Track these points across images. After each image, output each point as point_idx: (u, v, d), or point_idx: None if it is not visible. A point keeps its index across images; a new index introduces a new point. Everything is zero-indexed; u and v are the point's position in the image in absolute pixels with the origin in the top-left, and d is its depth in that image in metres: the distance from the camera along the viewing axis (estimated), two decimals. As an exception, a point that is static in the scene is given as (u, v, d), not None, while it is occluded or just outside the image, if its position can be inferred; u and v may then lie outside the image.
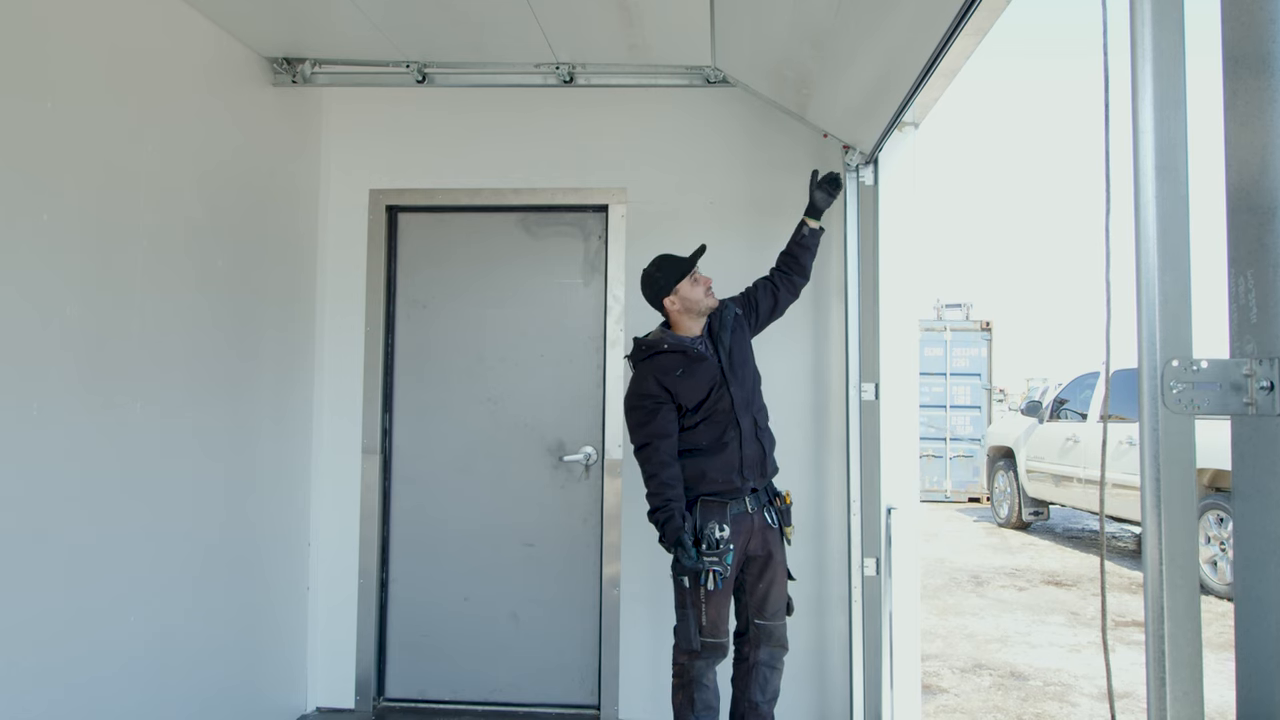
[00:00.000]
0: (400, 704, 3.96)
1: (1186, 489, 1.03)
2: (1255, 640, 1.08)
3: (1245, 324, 1.02)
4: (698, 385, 3.01)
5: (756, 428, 3.07)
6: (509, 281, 4.03)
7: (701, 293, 3.07)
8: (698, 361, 3.04)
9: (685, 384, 3.01)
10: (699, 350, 3.06)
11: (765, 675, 3.09)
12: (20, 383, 2.27)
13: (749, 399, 3.07)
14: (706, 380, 3.02)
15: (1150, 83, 1.10)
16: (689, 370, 3.02)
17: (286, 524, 3.73)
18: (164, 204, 2.87)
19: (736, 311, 3.20)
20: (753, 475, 3.03)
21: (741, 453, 3.00)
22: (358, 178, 4.02)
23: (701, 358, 3.04)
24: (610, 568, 3.84)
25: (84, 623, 2.49)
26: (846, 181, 3.53)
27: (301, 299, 3.84)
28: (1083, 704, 4.45)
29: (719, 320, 3.13)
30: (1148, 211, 1.06)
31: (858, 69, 2.97)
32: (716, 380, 3.02)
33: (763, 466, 3.06)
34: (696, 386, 3.01)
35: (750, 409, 3.07)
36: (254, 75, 3.47)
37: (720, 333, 3.10)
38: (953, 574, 7.72)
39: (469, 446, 4.00)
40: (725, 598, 3.00)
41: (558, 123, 3.98)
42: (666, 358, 3.06)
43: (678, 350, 3.05)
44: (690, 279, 3.09)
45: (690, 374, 3.02)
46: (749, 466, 3.01)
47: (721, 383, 3.02)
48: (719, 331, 3.10)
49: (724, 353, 3.06)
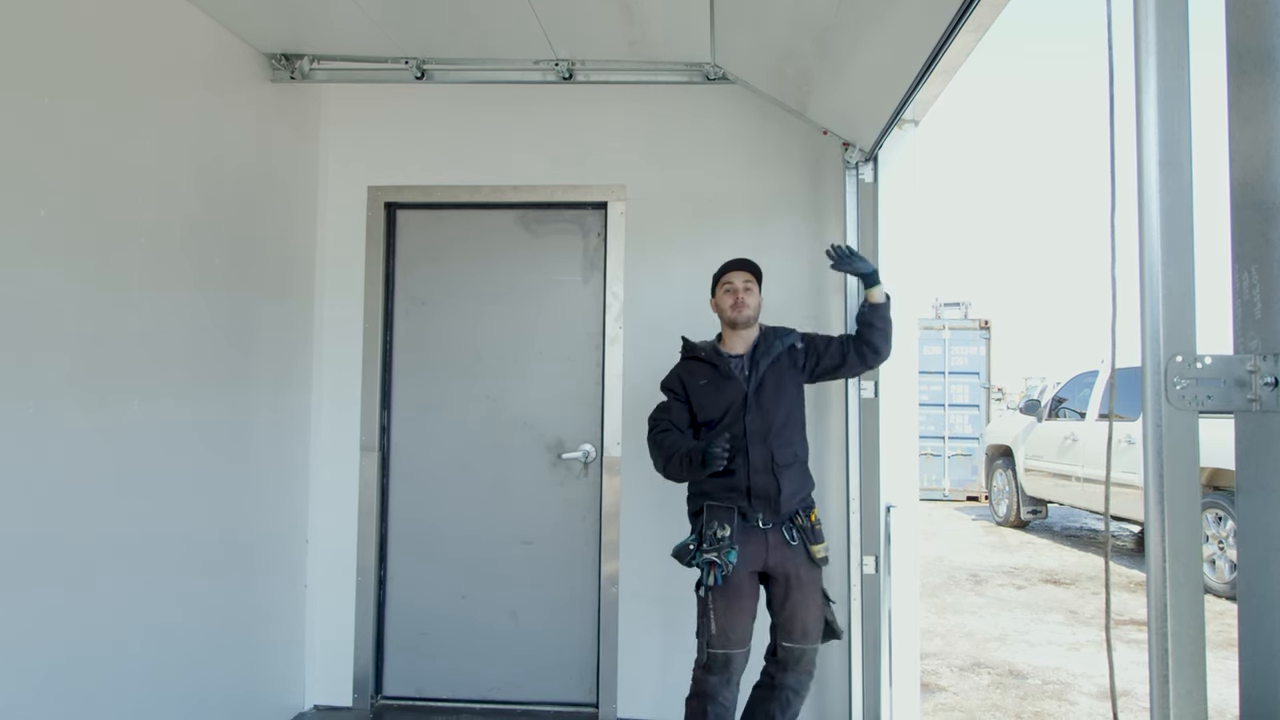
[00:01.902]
0: (398, 702, 3.96)
1: (1190, 485, 1.02)
2: (1259, 637, 1.08)
3: (1249, 320, 1.01)
4: (716, 403, 3.00)
5: (773, 463, 2.92)
6: (508, 279, 4.02)
7: (728, 304, 3.07)
8: (725, 379, 3.02)
9: (706, 395, 3.01)
10: (730, 369, 3.03)
11: (788, 699, 2.99)
12: (16, 380, 2.26)
13: (767, 431, 2.95)
14: (726, 400, 2.99)
15: (1154, 78, 1.10)
16: (714, 384, 3.02)
17: (284, 521, 3.72)
18: (162, 200, 2.86)
19: (795, 345, 3.12)
20: (762, 507, 2.91)
21: (749, 482, 2.91)
22: (356, 174, 4.01)
23: (730, 377, 3.02)
24: (609, 565, 3.84)
25: (82, 620, 2.48)
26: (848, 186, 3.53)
27: (300, 295, 3.83)
28: (1081, 702, 4.44)
29: (764, 347, 3.07)
30: (1152, 207, 1.05)
31: (858, 65, 2.97)
32: (736, 404, 2.98)
33: (775, 503, 2.91)
34: (715, 404, 3.00)
35: (767, 442, 2.94)
36: (252, 71, 3.46)
37: (760, 359, 3.04)
38: (951, 572, 7.72)
39: (468, 444, 4.00)
40: (737, 605, 2.90)
41: (557, 120, 3.97)
42: (697, 365, 3.08)
43: (709, 362, 3.05)
44: (722, 287, 3.10)
45: (715, 389, 3.01)
46: (758, 497, 2.91)
47: (740, 408, 2.97)
48: (760, 358, 3.04)
49: (755, 379, 3.00)
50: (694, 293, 3.44)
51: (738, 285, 3.07)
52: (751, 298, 3.07)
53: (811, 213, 3.84)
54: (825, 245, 3.80)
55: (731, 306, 3.05)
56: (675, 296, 3.78)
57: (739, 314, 3.05)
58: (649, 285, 3.86)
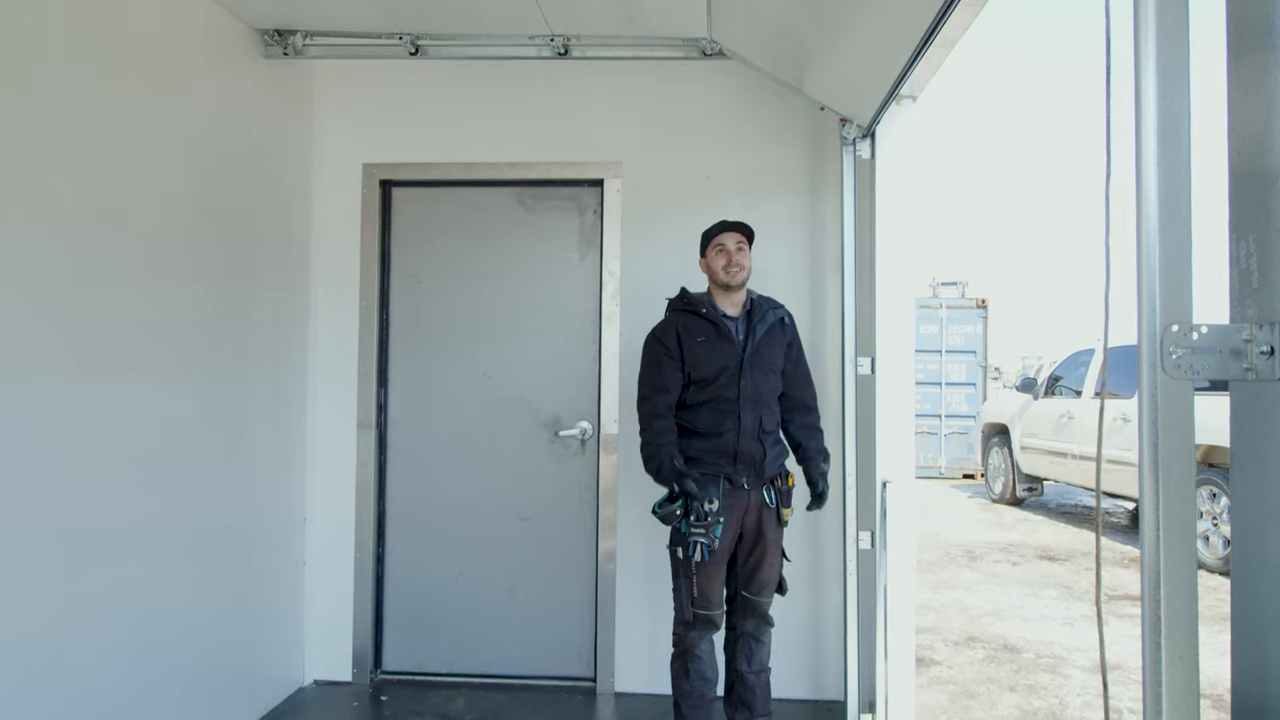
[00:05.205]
0: (397, 676, 3.98)
1: (1185, 455, 1.03)
2: (1251, 607, 1.08)
3: (1246, 289, 1.01)
4: (711, 363, 3.01)
5: (761, 429, 3.01)
6: (504, 256, 4.01)
7: (720, 265, 3.06)
8: (723, 339, 3.03)
9: (702, 353, 3.02)
10: (728, 329, 3.05)
11: (751, 646, 3.14)
12: (13, 365, 2.25)
13: (758, 396, 3.01)
14: (721, 361, 3.01)
15: (1153, 47, 1.09)
16: (711, 343, 3.03)
17: (283, 499, 3.73)
18: (153, 179, 2.84)
19: (784, 320, 3.17)
20: (746, 471, 3.00)
21: (737, 446, 2.98)
22: (351, 151, 3.99)
23: (728, 339, 3.03)
24: (606, 542, 3.85)
25: (82, 598, 2.49)
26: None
27: (295, 273, 3.81)
28: (1075, 676, 4.48)
29: (760, 315, 3.10)
30: (1149, 176, 1.05)
31: (855, 40, 2.95)
32: (731, 366, 3.00)
33: (759, 467, 3.01)
34: (709, 363, 3.01)
35: (757, 407, 3.01)
36: (245, 47, 3.43)
37: (757, 325, 3.07)
38: (947, 549, 7.76)
39: (464, 421, 4.00)
40: (717, 571, 3.01)
41: (553, 96, 3.94)
42: (697, 320, 3.07)
43: (712, 320, 3.05)
44: (714, 248, 3.08)
45: (711, 347, 3.02)
46: (743, 462, 2.99)
47: (735, 371, 3.00)
48: (756, 324, 3.07)
49: (751, 344, 3.03)
50: (691, 270, 3.42)
51: (730, 246, 3.06)
52: (744, 258, 3.07)
53: (808, 189, 3.83)
54: (823, 221, 3.80)
55: (724, 268, 3.05)
56: (672, 274, 3.76)
57: (733, 277, 3.04)
58: (646, 263, 3.85)
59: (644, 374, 3.10)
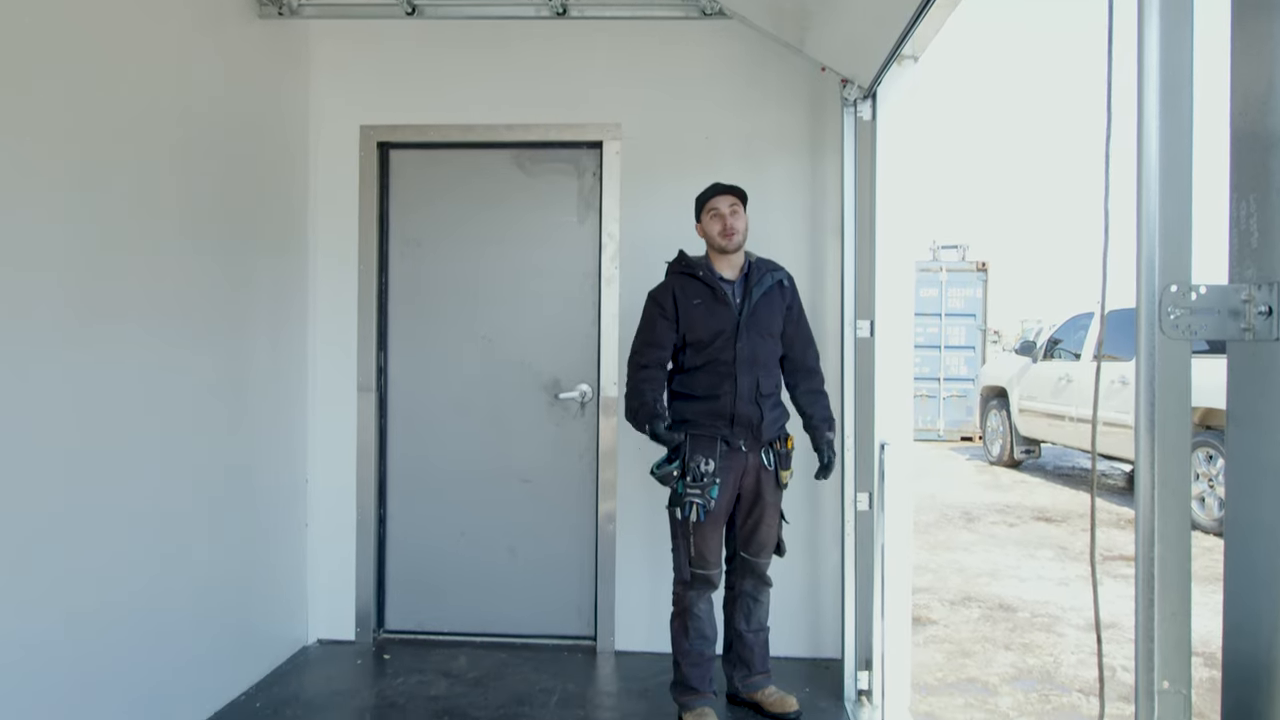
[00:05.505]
0: (400, 636, 4.03)
1: (1181, 415, 1.03)
2: (1244, 564, 1.10)
3: (1246, 249, 1.02)
4: (707, 326, 3.02)
5: (758, 392, 3.03)
6: (503, 219, 3.99)
7: (716, 230, 3.06)
8: (719, 303, 3.04)
9: (698, 316, 3.03)
10: (725, 292, 3.05)
11: (749, 606, 3.20)
12: (13, 330, 2.25)
13: (754, 359, 3.03)
14: (717, 325, 3.02)
15: (1157, 6, 1.08)
16: (707, 306, 3.04)
17: (284, 462, 3.75)
18: (148, 145, 2.81)
19: (783, 282, 3.17)
20: (743, 434, 3.02)
21: (734, 409, 3.00)
22: (348, 114, 3.95)
23: (724, 303, 3.04)
24: (606, 504, 3.88)
25: (90, 560, 2.51)
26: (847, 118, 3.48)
27: (294, 237, 3.80)
28: (1069, 634, 4.54)
29: (757, 276, 3.10)
30: (1150, 136, 1.05)
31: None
32: (727, 330, 3.01)
33: (756, 430, 3.03)
34: (706, 326, 3.02)
35: (754, 370, 3.02)
36: (238, 7, 3.39)
37: (754, 288, 3.07)
38: (944, 510, 7.82)
39: (464, 383, 4.01)
40: (714, 531, 3.04)
41: (551, 57, 3.90)
42: (694, 283, 3.08)
43: (708, 283, 3.06)
44: (708, 213, 3.08)
45: (707, 310, 3.03)
46: (740, 424, 3.01)
47: (731, 334, 3.01)
48: (753, 287, 3.07)
49: (748, 308, 3.04)
50: (690, 232, 3.41)
51: (724, 210, 3.06)
52: (739, 221, 3.07)
53: (808, 151, 3.80)
54: (823, 183, 3.78)
55: (720, 233, 3.05)
56: (671, 237, 3.74)
57: (730, 241, 3.05)
58: (645, 225, 3.84)
59: (638, 332, 3.14)
